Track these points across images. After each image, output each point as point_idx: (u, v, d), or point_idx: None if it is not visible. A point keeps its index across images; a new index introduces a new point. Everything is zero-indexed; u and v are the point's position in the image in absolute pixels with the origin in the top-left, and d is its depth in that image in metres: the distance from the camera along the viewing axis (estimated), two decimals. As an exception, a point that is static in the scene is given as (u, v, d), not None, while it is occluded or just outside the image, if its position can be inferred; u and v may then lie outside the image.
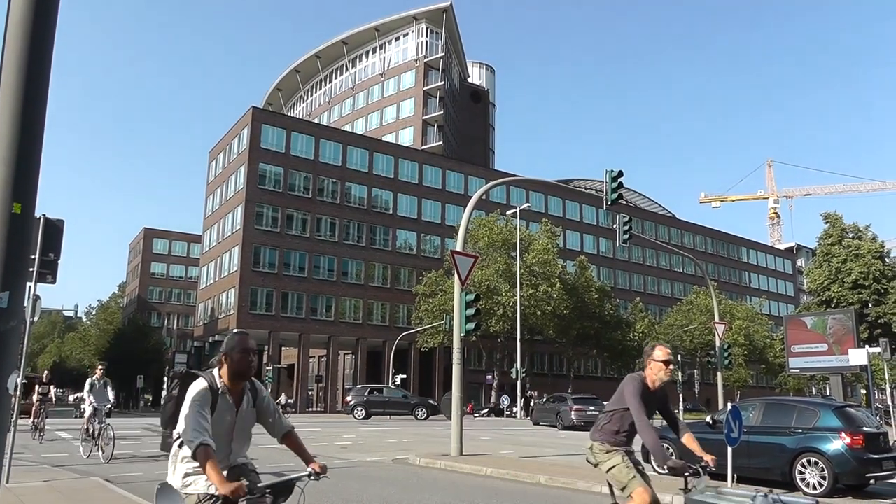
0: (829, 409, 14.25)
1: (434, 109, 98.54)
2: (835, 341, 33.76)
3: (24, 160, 4.08)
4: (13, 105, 4.09)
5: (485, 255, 60.52)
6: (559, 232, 73.02)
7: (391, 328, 72.04)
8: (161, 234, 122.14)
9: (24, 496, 10.70)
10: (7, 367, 3.98)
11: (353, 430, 32.04)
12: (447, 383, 49.06)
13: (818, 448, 13.35)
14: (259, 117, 71.22)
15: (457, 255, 19.63)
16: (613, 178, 23.39)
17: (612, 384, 41.18)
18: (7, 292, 3.97)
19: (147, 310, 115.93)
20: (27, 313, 12.34)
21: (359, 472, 15.32)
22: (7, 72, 4.13)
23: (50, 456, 17.98)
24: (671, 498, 12.01)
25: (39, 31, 4.21)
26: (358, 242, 73.50)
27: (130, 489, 11.68)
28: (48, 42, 4.28)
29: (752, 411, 15.00)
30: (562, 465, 17.26)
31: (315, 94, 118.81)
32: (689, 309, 79.38)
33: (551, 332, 68.13)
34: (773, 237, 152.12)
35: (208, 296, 76.64)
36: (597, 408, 39.75)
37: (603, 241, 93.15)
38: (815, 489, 13.13)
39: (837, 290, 53.57)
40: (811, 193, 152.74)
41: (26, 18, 4.15)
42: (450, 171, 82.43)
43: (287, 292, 68.46)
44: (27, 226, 4.13)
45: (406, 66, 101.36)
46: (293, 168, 70.56)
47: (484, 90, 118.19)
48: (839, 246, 55.02)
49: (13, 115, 4.08)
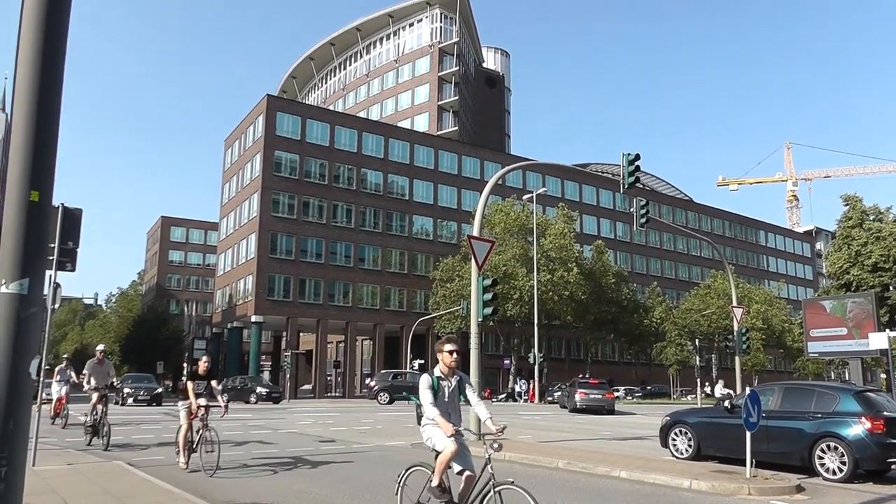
0: (849, 393, 14.11)
1: (449, 95, 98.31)
2: (854, 325, 33.48)
3: (40, 148, 4.10)
4: (29, 93, 4.10)
5: (501, 241, 60.51)
6: (576, 216, 72.82)
7: (408, 314, 72.22)
8: (178, 222, 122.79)
9: (49, 479, 10.84)
10: (29, 353, 4.01)
11: (372, 414, 32.15)
12: (465, 368, 49.26)
13: (838, 433, 13.23)
14: (274, 105, 71.33)
15: (474, 239, 19.59)
16: (630, 162, 23.27)
17: (630, 369, 41.77)
18: (27, 279, 4.00)
19: (166, 297, 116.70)
20: (48, 301, 12.44)
21: (378, 457, 15.36)
22: (23, 61, 4.14)
23: (73, 440, 18.14)
24: (689, 482, 12.02)
25: (54, 19, 4.22)
26: (374, 228, 73.62)
27: (153, 472, 11.78)
28: (63, 30, 4.29)
29: (770, 396, 14.87)
30: (579, 450, 17.28)
31: (330, 82, 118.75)
32: (706, 293, 79.10)
33: (568, 316, 68.09)
34: (791, 220, 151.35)
35: (226, 282, 76.99)
36: (602, 392, 40.03)
37: (620, 225, 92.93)
38: (835, 474, 13.05)
39: (857, 274, 53.08)
40: (831, 175, 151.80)
41: (41, 6, 4.16)
42: (465, 156, 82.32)
43: (304, 279, 68.70)
44: (45, 213, 4.14)
45: (420, 51, 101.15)
46: (309, 155, 70.66)
47: (499, 75, 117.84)
48: (859, 228, 54.46)
49: (29, 104, 4.09)
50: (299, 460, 14.53)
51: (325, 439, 19.82)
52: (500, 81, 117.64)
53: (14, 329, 3.96)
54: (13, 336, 3.95)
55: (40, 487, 9.99)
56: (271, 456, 15.07)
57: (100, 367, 17.78)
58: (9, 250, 4.00)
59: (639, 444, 19.78)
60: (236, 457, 15.24)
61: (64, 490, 10.02)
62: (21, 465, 4.01)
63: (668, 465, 14.22)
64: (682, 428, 16.41)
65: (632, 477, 12.82)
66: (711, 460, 15.43)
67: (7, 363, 3.90)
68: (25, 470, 4.14)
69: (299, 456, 15.19)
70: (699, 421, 16.32)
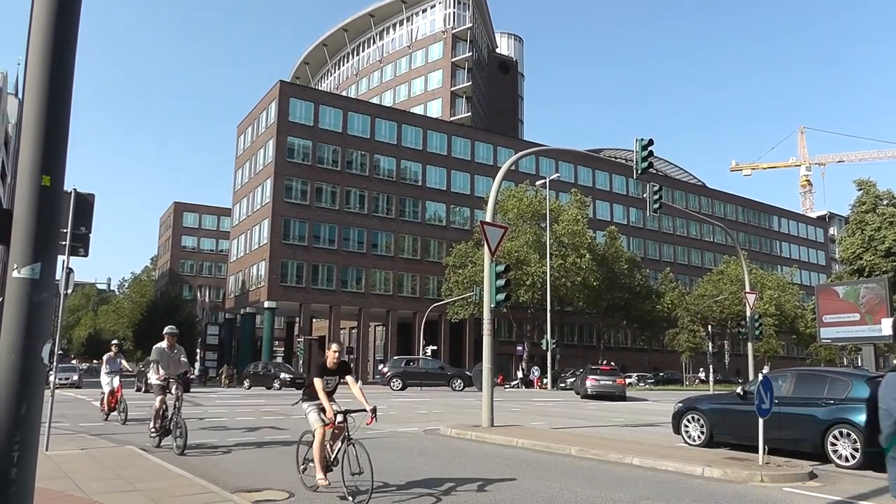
0: (862, 379, 14.00)
1: (462, 81, 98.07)
2: (867, 311, 33.27)
3: (51, 132, 4.10)
4: (41, 78, 4.10)
5: (514, 226, 60.41)
6: (589, 202, 72.64)
7: (421, 300, 72.28)
8: (191, 207, 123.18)
9: (62, 464, 10.92)
10: (41, 338, 4.02)
11: (385, 400, 32.22)
12: (477, 355, 49.24)
13: (851, 419, 13.17)
14: (287, 91, 71.34)
15: (487, 225, 19.55)
16: (643, 147, 23.16)
17: (643, 355, 41.71)
18: (39, 263, 4.00)
19: (178, 282, 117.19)
20: (60, 286, 12.49)
21: (390, 443, 15.39)
22: (35, 46, 4.13)
23: (87, 425, 18.24)
24: (701, 469, 12.01)
25: (66, 3, 4.21)
26: (387, 214, 73.65)
27: (165, 458, 11.84)
28: (75, 15, 4.28)
29: (783, 382, 14.82)
30: (591, 437, 17.27)
31: (342, 68, 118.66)
32: (719, 279, 78.79)
33: (581, 302, 68.01)
34: (804, 205, 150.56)
35: (239, 268, 77.22)
36: (613, 379, 40.10)
37: (633, 210, 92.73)
38: (847, 461, 13.00)
39: (870, 259, 52.76)
40: (844, 160, 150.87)
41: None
42: (478, 142, 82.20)
43: (317, 264, 68.84)
44: (56, 198, 4.15)
45: (433, 37, 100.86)
46: (321, 141, 70.69)
47: (512, 60, 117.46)
48: (873, 213, 54.09)
49: (40, 88, 4.10)
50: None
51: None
52: (514, 67, 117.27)
53: (26, 313, 3.97)
54: (25, 320, 3.96)
55: (53, 472, 10.06)
56: (284, 441, 15.11)
57: (170, 353, 14.55)
58: (21, 235, 4.01)
59: (651, 431, 19.77)
60: (248, 442, 15.32)
61: (76, 474, 10.08)
62: (34, 450, 4.02)
63: (681, 452, 14.20)
64: (694, 415, 16.39)
65: (644, 464, 12.81)
66: (724, 447, 15.41)
67: (19, 347, 3.92)
68: (38, 454, 4.16)
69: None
70: (712, 408, 16.28)
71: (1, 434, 3.86)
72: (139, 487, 9.23)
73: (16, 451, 3.86)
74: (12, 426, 3.88)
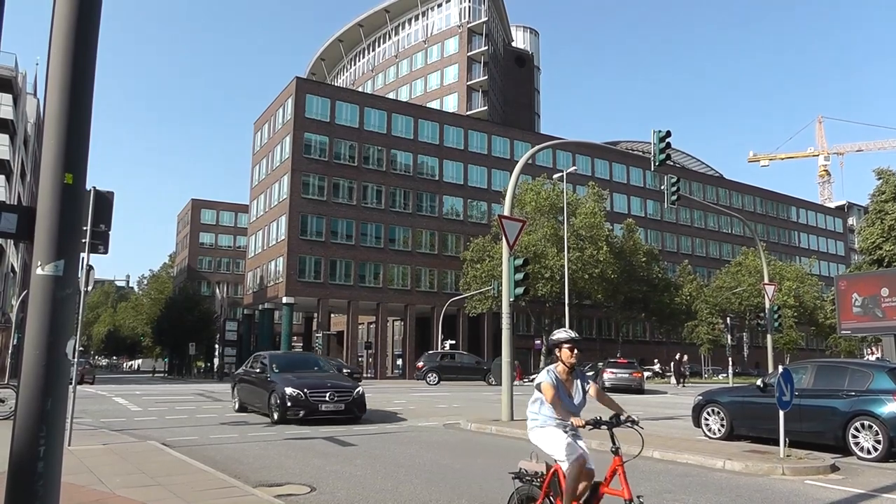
0: (883, 370, 13.91)
1: (478, 75, 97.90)
2: (888, 302, 33.03)
3: (73, 131, 4.14)
4: (62, 78, 4.14)
5: (532, 220, 60.25)
6: (606, 195, 72.31)
7: (439, 294, 72.28)
8: (209, 204, 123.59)
9: (85, 459, 11.03)
10: (65, 333, 4.07)
11: (405, 395, 32.29)
12: (496, 349, 49.34)
13: (872, 411, 13.10)
14: (303, 87, 71.41)
15: (504, 219, 19.56)
16: (661, 139, 23.09)
17: (661, 348, 41.70)
18: (62, 260, 4.05)
19: (197, 279, 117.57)
20: (81, 283, 12.59)
21: (411, 437, 15.43)
22: (56, 46, 4.17)
23: (108, 420, 18.38)
24: (722, 462, 11.98)
25: (87, 3, 4.25)
26: (404, 209, 73.66)
27: (186, 452, 11.94)
28: (96, 15, 4.32)
29: (803, 374, 14.74)
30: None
31: (358, 63, 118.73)
32: (737, 271, 78.40)
33: (599, 295, 67.77)
34: (823, 195, 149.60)
35: (257, 264, 77.45)
36: (629, 372, 40.11)
37: (650, 203, 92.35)
38: (869, 453, 12.93)
39: (890, 249, 52.28)
40: (863, 149, 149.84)
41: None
42: (495, 136, 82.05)
43: (335, 260, 68.93)
44: (79, 196, 4.19)
45: (449, 32, 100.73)
46: (338, 137, 70.76)
47: (528, 54, 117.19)
48: (893, 203, 53.55)
49: (62, 89, 4.13)
50: (332, 440, 14.63)
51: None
52: (530, 60, 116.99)
53: (50, 309, 4.02)
54: (50, 316, 4.01)
55: (76, 467, 10.15)
56: (304, 436, 15.18)
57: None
58: (44, 232, 4.05)
59: (671, 424, 19.71)
60: (269, 436, 15.39)
61: (99, 469, 10.17)
62: (59, 444, 4.07)
63: (701, 445, 14.16)
64: (714, 407, 16.33)
65: (665, 457, 12.79)
66: (744, 440, 15.34)
67: (44, 342, 3.96)
68: (63, 448, 4.20)
69: (332, 436, 15.29)
70: (732, 400, 16.21)
71: (27, 428, 3.90)
72: (161, 482, 9.31)
73: (42, 446, 3.91)
74: (38, 420, 3.92)
